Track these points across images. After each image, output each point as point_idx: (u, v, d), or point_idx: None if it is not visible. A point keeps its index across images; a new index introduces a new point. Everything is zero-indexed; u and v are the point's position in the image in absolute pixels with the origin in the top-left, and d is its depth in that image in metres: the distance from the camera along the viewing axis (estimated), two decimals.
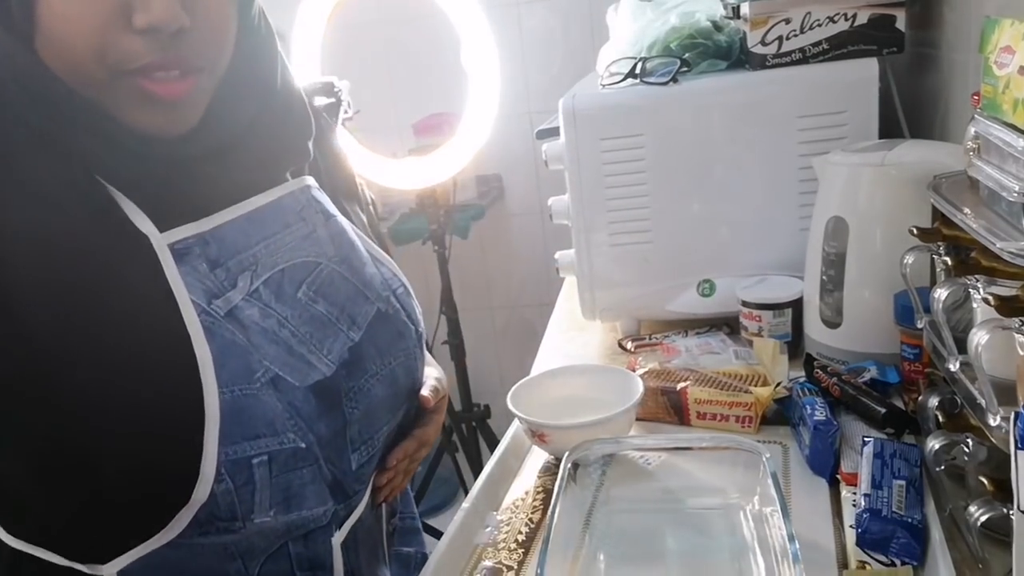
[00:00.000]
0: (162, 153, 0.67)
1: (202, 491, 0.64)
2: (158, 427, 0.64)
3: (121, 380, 0.63)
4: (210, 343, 0.65)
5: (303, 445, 0.69)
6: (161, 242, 0.67)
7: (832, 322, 1.07)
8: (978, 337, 0.63)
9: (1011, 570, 0.53)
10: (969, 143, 0.72)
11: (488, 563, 0.82)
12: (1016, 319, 0.62)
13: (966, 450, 0.71)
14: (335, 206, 0.83)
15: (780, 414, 0.99)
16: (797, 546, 0.65)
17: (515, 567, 0.81)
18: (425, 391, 0.84)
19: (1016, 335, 0.63)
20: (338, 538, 0.75)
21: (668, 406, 1.01)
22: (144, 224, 0.66)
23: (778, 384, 1.00)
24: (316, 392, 0.71)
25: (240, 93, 0.72)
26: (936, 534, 0.73)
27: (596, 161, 1.24)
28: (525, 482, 0.96)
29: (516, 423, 1.02)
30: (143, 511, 0.65)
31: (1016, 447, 0.55)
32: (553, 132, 1.29)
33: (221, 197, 0.71)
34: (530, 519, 0.89)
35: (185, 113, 0.67)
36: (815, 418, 0.88)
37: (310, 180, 0.81)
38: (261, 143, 0.74)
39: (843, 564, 0.74)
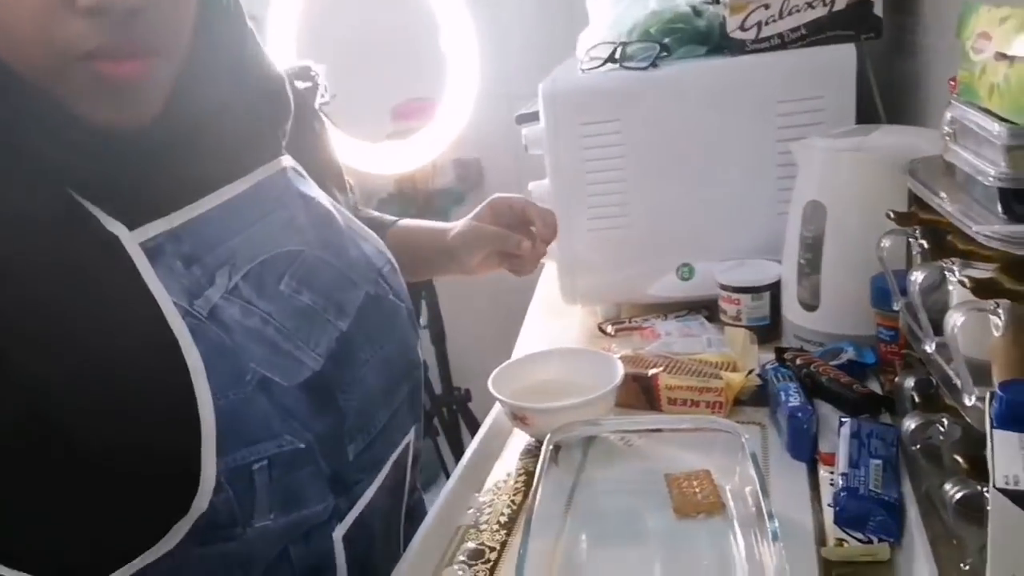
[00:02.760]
0: (121, 147, 0.62)
1: (201, 501, 0.61)
2: (153, 442, 0.60)
3: (108, 396, 0.59)
4: (198, 347, 0.61)
5: (302, 445, 0.67)
6: (132, 241, 0.62)
7: (810, 305, 1.09)
8: (954, 319, 0.64)
9: (985, 545, 0.54)
10: (946, 128, 0.73)
11: (471, 544, 0.82)
12: (991, 301, 0.63)
13: (941, 430, 0.73)
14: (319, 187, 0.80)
15: (758, 395, 1.00)
16: (776, 524, 0.66)
17: (497, 548, 0.81)
18: None
19: (991, 316, 0.64)
20: (339, 532, 0.74)
21: (639, 392, 1.02)
22: (112, 224, 0.62)
23: (749, 372, 1.01)
24: (307, 389, 0.69)
25: (206, 77, 0.67)
26: (912, 512, 0.74)
27: (576, 146, 1.24)
28: (507, 464, 0.97)
29: (497, 406, 1.02)
30: (139, 526, 0.61)
31: (992, 426, 0.56)
32: (533, 117, 1.29)
33: (191, 189, 0.67)
34: (512, 501, 0.89)
35: (144, 101, 0.62)
36: (790, 404, 0.89)
37: (287, 160, 0.77)
38: (233, 128, 0.70)
39: (821, 542, 0.75)
